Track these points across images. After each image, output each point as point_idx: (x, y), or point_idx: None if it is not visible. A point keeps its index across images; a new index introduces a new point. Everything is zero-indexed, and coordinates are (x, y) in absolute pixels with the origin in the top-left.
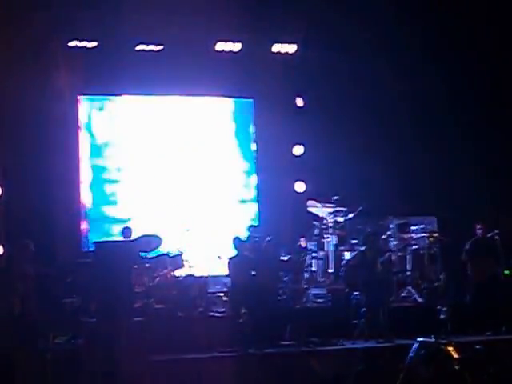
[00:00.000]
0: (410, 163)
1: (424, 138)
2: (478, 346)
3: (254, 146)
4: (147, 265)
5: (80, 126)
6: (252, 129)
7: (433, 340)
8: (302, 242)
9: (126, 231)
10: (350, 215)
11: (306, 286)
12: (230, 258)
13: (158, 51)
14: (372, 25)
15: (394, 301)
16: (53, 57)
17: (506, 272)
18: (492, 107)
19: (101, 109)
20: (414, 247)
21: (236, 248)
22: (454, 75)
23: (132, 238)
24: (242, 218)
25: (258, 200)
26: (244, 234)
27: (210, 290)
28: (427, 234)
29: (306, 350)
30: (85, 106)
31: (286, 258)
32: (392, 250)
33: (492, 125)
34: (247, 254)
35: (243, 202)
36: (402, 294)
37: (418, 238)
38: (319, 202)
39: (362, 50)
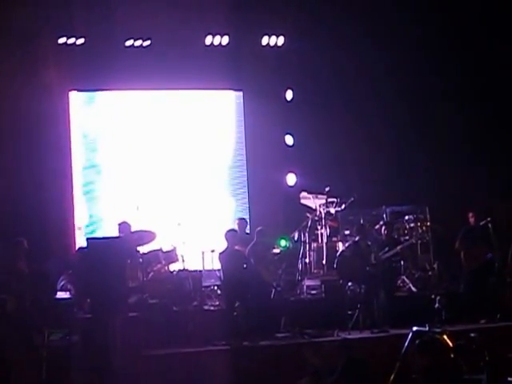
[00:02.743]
0: (401, 153)
1: (415, 126)
2: (472, 334)
3: (244, 139)
4: (141, 260)
5: (71, 121)
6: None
7: (427, 329)
8: (295, 234)
9: (124, 226)
10: (342, 206)
11: (299, 278)
12: (221, 252)
13: (147, 46)
14: (360, 16)
15: (390, 290)
16: (42, 54)
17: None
18: (483, 96)
19: (91, 104)
20: (407, 237)
21: (227, 241)
22: (446, 66)
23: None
24: (233, 211)
25: (249, 192)
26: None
27: (204, 284)
28: (420, 223)
29: (301, 341)
30: (75, 102)
31: (278, 251)
32: (402, 242)
33: (484, 113)
34: (238, 248)
35: (235, 194)
36: (396, 284)
37: (411, 228)
38: (311, 193)
39: (350, 41)
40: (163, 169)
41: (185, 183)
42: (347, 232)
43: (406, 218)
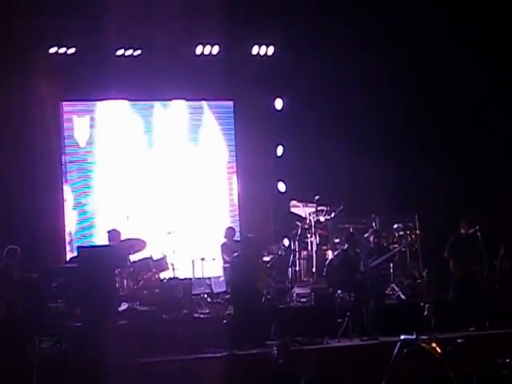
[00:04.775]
0: (390, 161)
1: (404, 136)
2: (459, 340)
3: (234, 149)
4: (131, 268)
5: (63, 132)
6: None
7: (414, 337)
8: (285, 242)
9: (114, 233)
10: (332, 214)
11: (289, 286)
12: (235, 257)
13: (138, 56)
14: (350, 26)
15: (379, 298)
16: (34, 64)
17: None
18: (474, 107)
19: (82, 114)
20: (396, 245)
21: (246, 247)
22: (435, 77)
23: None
24: (223, 220)
25: (239, 201)
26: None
27: (194, 292)
28: (409, 232)
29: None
30: (67, 112)
31: (268, 258)
32: (391, 250)
33: (475, 124)
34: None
35: (225, 203)
36: (386, 292)
37: (400, 236)
38: (301, 202)
39: (341, 51)
40: (153, 178)
41: (175, 192)
42: (337, 240)
43: (395, 226)
